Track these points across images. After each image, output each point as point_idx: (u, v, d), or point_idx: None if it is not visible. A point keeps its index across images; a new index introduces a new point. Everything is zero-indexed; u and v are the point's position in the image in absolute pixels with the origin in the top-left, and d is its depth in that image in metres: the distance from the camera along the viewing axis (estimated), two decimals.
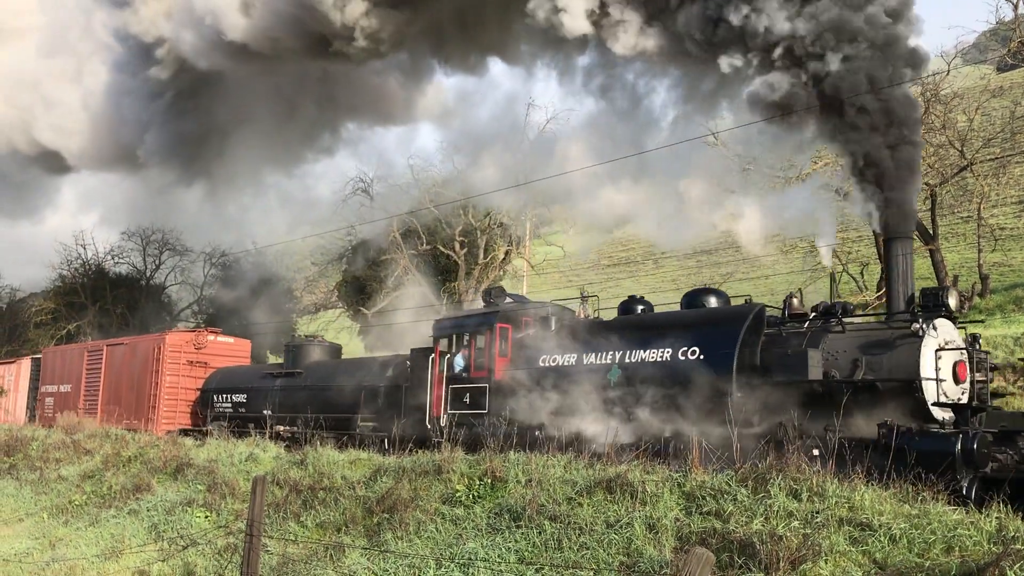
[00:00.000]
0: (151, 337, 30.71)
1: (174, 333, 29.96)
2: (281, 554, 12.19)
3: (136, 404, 29.53)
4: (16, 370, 39.73)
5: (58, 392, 34.95)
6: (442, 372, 19.45)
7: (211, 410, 26.92)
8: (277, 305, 47.59)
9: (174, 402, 28.74)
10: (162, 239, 51.94)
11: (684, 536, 9.74)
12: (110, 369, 31.73)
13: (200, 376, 29.12)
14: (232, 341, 31.06)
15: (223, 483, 16.51)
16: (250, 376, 26.62)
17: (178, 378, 28.92)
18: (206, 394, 27.83)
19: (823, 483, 10.20)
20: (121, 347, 31.84)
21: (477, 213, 40.82)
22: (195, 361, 29.23)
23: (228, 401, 26.46)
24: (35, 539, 16.27)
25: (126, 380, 30.61)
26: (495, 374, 18.23)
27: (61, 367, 35.28)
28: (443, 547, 11.03)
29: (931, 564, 8.17)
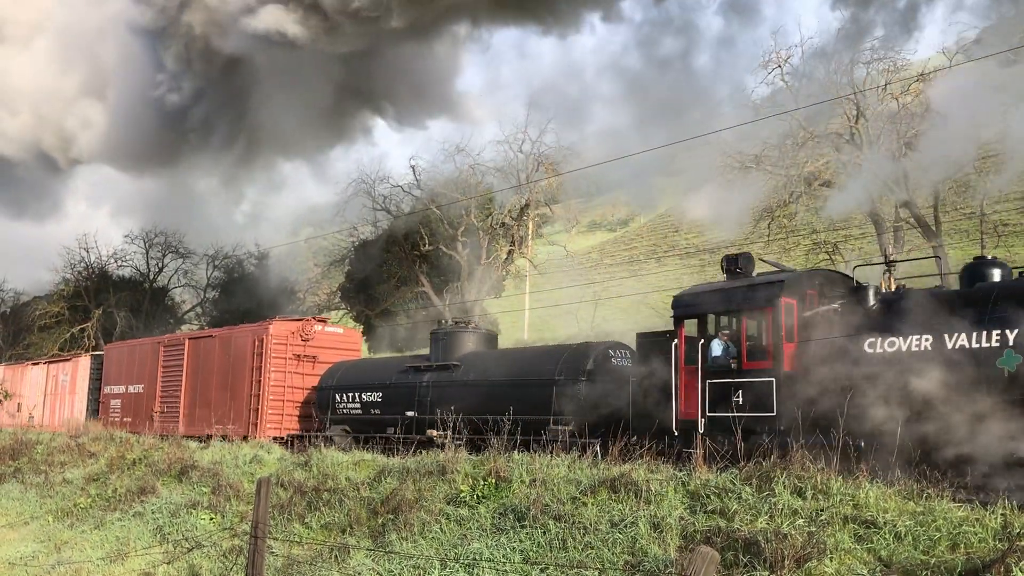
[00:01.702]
0: (248, 328, 26.48)
1: (278, 322, 25.17)
2: (286, 556, 12.20)
3: (231, 407, 25.33)
4: (73, 369, 35.57)
5: (126, 393, 30.92)
6: (694, 363, 15.00)
7: (332, 412, 22.57)
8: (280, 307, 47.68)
9: (280, 403, 24.44)
10: (165, 242, 52.06)
11: (689, 535, 9.74)
12: (194, 366, 27.46)
13: (308, 372, 24.83)
14: (341, 331, 26.86)
15: (228, 485, 16.52)
16: (385, 370, 22.19)
17: (284, 375, 24.54)
18: (324, 393, 23.09)
19: (827, 481, 10.19)
20: (208, 340, 27.56)
21: (479, 213, 40.84)
22: (302, 355, 24.88)
23: (355, 401, 22.01)
24: (40, 542, 16.29)
25: (216, 379, 26.27)
26: (783, 364, 13.88)
27: (129, 364, 31.12)
28: (448, 548, 11.03)
29: (936, 561, 8.16)
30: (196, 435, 24.60)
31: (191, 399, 27.07)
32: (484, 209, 41.41)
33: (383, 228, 44.41)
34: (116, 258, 52.35)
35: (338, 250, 47.43)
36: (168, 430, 26.32)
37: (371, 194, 41.94)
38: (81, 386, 34.20)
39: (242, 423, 24.51)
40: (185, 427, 26.43)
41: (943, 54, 29.51)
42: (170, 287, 54.92)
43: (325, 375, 23.52)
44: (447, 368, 20.29)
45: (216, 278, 52.52)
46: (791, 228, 32.61)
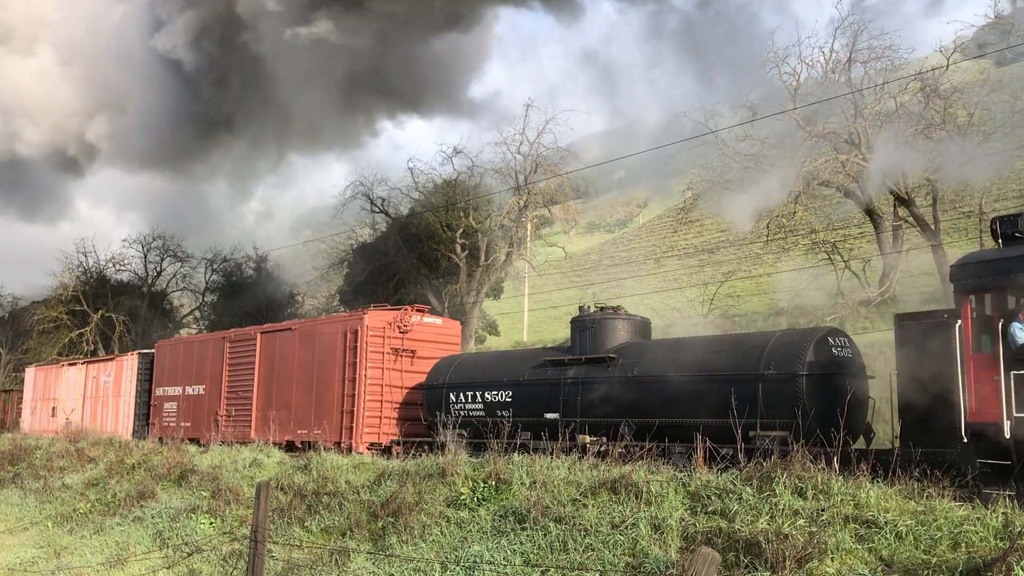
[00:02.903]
0: (337, 319, 23.46)
1: (374, 312, 21.98)
2: (286, 560, 12.18)
3: (317, 409, 22.25)
4: (117, 369, 32.24)
5: (183, 395, 27.78)
6: (989, 351, 12.00)
7: (446, 414, 19.16)
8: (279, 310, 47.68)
9: (378, 404, 21.25)
10: (163, 246, 52.06)
11: (689, 536, 9.73)
12: (268, 363, 24.28)
13: (407, 369, 21.89)
14: (440, 322, 23.56)
15: (227, 489, 16.50)
16: (514, 365, 18.93)
17: (381, 372, 21.40)
18: (435, 392, 19.72)
19: (828, 481, 10.18)
20: (285, 335, 24.23)
21: (478, 215, 40.84)
22: (400, 349, 21.80)
23: (476, 401, 18.82)
24: (40, 548, 16.27)
25: (298, 377, 23.17)
26: None
27: (187, 363, 28.04)
28: (448, 550, 11.01)
29: (938, 560, 8.15)
30: (274, 442, 21.81)
31: (265, 401, 24.07)
32: (483, 211, 41.41)
33: (381, 230, 44.42)
34: (114, 262, 52.41)
35: (337, 253, 47.42)
36: (237, 435, 23.97)
37: (369, 196, 41.94)
38: (127, 388, 31.17)
39: (332, 427, 21.56)
40: (259, 432, 23.42)
41: (940, 53, 29.50)
42: (168, 291, 54.93)
43: (434, 371, 20.21)
44: (600, 362, 17.00)
45: (215, 282, 52.52)
46: (790, 228, 32.60)
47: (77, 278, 50.78)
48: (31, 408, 37.96)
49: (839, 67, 29.49)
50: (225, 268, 51.89)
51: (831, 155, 28.91)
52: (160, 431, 27.99)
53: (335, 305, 46.83)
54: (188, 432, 26.44)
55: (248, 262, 51.66)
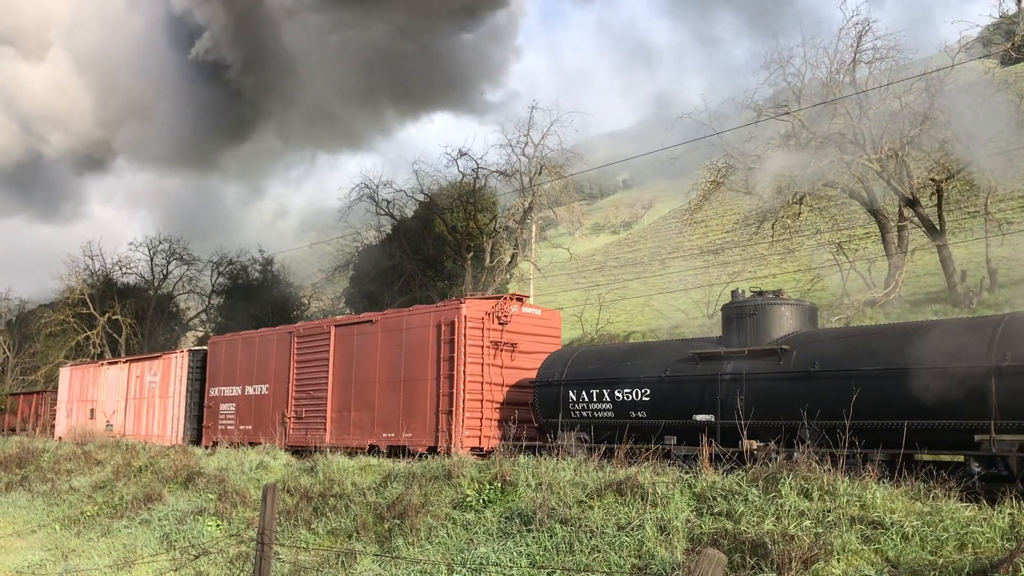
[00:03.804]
0: (428, 310, 20.79)
1: (472, 301, 19.93)
2: (293, 562, 12.21)
3: (406, 411, 19.97)
4: (164, 368, 29.89)
5: (243, 396, 25.52)
6: None
7: (565, 415, 16.94)
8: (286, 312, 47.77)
9: (478, 404, 19.04)
10: (169, 249, 52.21)
11: (695, 537, 9.73)
12: (345, 360, 22.02)
13: (507, 365, 19.64)
14: (539, 312, 21.08)
15: (234, 492, 16.54)
16: (648, 359, 16.46)
17: (481, 368, 19.17)
18: (549, 390, 17.36)
19: (834, 482, 10.17)
20: (365, 327, 21.78)
21: (483, 217, 40.86)
22: (500, 342, 19.64)
23: (603, 400, 16.34)
24: (48, 550, 16.33)
25: (381, 375, 20.86)
26: None
27: (246, 360, 25.67)
28: (454, 552, 11.03)
29: (944, 561, 8.14)
30: (353, 447, 20.15)
31: (341, 401, 21.84)
32: (488, 213, 41.44)
33: (387, 233, 44.48)
34: (121, 265, 52.54)
35: (342, 255, 47.49)
36: (309, 440, 21.91)
37: (375, 199, 42.00)
38: (176, 388, 28.93)
39: (425, 431, 19.35)
40: (335, 436, 21.48)
41: (945, 53, 29.45)
42: (175, 294, 55.07)
43: (547, 366, 17.76)
44: (768, 355, 14.42)
45: (221, 284, 52.64)
46: (794, 229, 32.56)
47: (84, 281, 50.92)
48: (66, 410, 35.94)
49: (844, 68, 29.47)
50: (231, 271, 52.01)
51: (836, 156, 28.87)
52: (216, 434, 25.97)
53: (341, 307, 46.89)
54: (249, 435, 24.50)
55: (254, 265, 51.81)
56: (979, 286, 29.51)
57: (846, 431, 11.66)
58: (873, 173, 28.96)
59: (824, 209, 34.84)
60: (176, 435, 27.95)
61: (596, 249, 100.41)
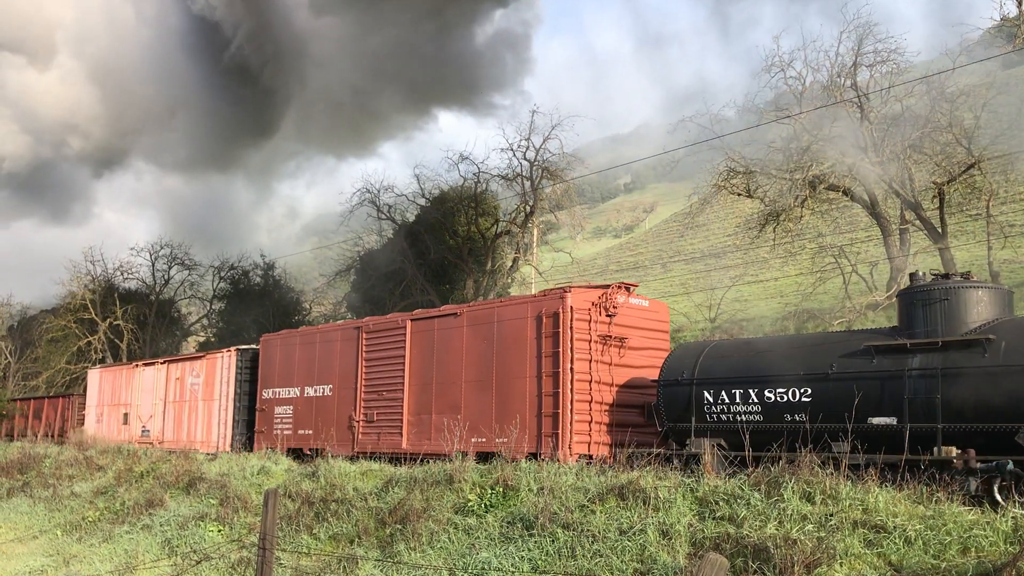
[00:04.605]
0: (525, 300, 18.60)
1: (579, 291, 17.77)
2: (294, 567, 12.19)
3: (499, 414, 17.93)
4: (207, 369, 27.78)
5: (302, 398, 23.49)
6: None
7: (699, 419, 14.73)
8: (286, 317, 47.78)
9: (586, 405, 16.95)
10: (171, 254, 52.25)
11: (698, 542, 9.71)
12: (423, 357, 20.01)
13: (616, 362, 17.56)
14: (647, 304, 18.94)
15: (235, 497, 16.54)
16: (806, 353, 14.18)
17: (589, 365, 17.11)
18: (678, 391, 15.11)
19: (836, 486, 10.16)
20: (448, 321, 19.74)
21: (485, 221, 40.88)
22: (609, 337, 17.53)
23: (750, 402, 14.21)
24: (49, 556, 16.31)
25: (469, 373, 18.89)
26: None
27: (306, 359, 23.66)
28: (456, 557, 11.01)
29: (947, 565, 8.12)
30: (433, 453, 18.04)
31: (420, 402, 19.86)
32: (489, 217, 41.46)
33: (388, 237, 44.51)
34: (122, 270, 52.57)
35: (344, 260, 47.51)
36: (382, 445, 19.90)
37: (376, 203, 42.02)
38: (222, 390, 26.74)
39: (524, 436, 17.24)
40: (412, 441, 19.68)
41: (946, 56, 29.47)
42: (176, 299, 55.10)
43: (672, 363, 15.60)
44: (969, 346, 12.38)
45: (222, 289, 52.65)
46: (796, 232, 32.55)
47: (85, 286, 50.97)
48: (96, 415, 33.92)
49: (844, 71, 29.49)
50: (233, 276, 52.02)
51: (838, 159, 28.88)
52: (270, 440, 23.95)
53: (343, 312, 46.87)
54: (308, 440, 22.75)
55: (256, 270, 51.82)
56: None
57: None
58: (874, 176, 28.96)
59: (826, 212, 34.82)
60: (224, 441, 25.99)
61: (598, 253, 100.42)
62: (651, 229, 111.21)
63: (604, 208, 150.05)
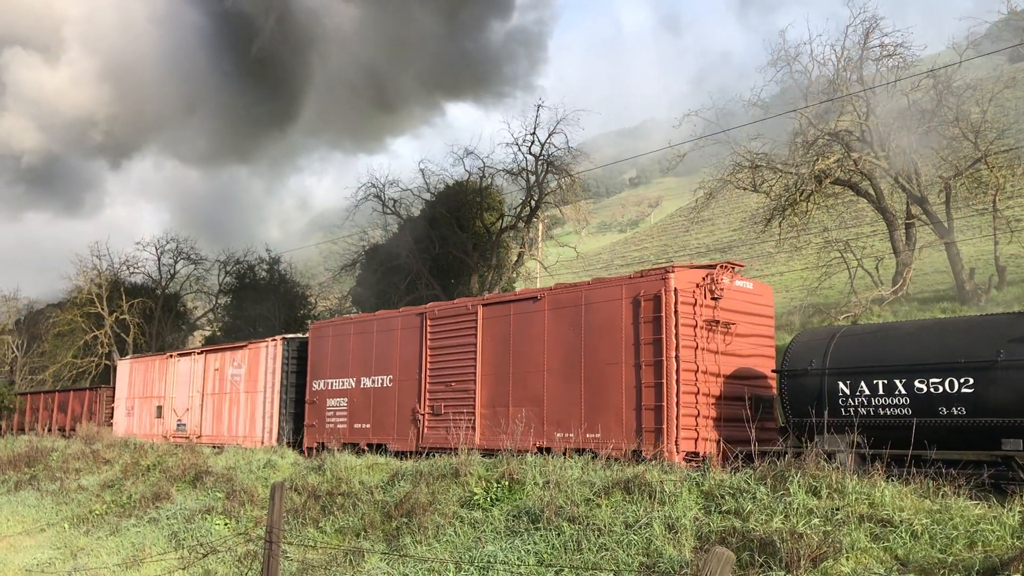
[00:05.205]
0: (620, 281, 16.87)
1: (682, 271, 16.17)
2: (301, 560, 12.22)
3: (589, 406, 16.42)
4: (250, 359, 26.18)
5: (357, 389, 21.93)
6: None
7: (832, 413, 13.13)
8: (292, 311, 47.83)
9: (692, 398, 15.33)
10: (176, 248, 52.34)
11: (703, 536, 9.72)
12: (498, 345, 18.57)
13: (723, 350, 15.99)
14: (751, 287, 17.27)
15: (242, 490, 16.58)
16: (962, 336, 12.68)
17: (694, 353, 15.54)
18: (804, 381, 13.54)
19: (843, 480, 10.15)
20: (526, 305, 18.24)
21: (490, 216, 40.88)
22: (715, 322, 16.00)
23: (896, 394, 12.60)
24: (57, 549, 16.38)
25: (551, 362, 17.37)
26: None
27: (361, 347, 22.15)
28: (462, 550, 11.03)
29: (954, 559, 8.11)
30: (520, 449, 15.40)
31: (494, 394, 18.43)
32: (494, 211, 41.45)
33: (393, 232, 44.53)
34: (128, 265, 52.68)
35: (349, 255, 47.55)
36: (451, 440, 17.63)
37: (381, 198, 42.03)
38: (267, 382, 25.16)
39: (621, 431, 15.73)
40: (487, 435, 18.15)
41: (953, 50, 29.35)
42: (182, 293, 55.20)
43: (796, 350, 13.97)
44: None
45: (228, 284, 52.73)
46: (802, 226, 32.49)
47: (92, 281, 51.08)
48: (126, 408, 32.40)
49: (851, 65, 29.39)
50: (238, 270, 52.08)
51: (843, 153, 28.81)
52: (322, 434, 22.59)
53: (347, 306, 46.91)
54: (366, 435, 21.33)
55: (261, 264, 51.88)
56: (987, 284, 29.42)
57: None
58: (880, 170, 28.89)
59: (831, 207, 34.74)
60: (269, 435, 24.63)
61: (603, 247, 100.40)
62: (656, 224, 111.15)
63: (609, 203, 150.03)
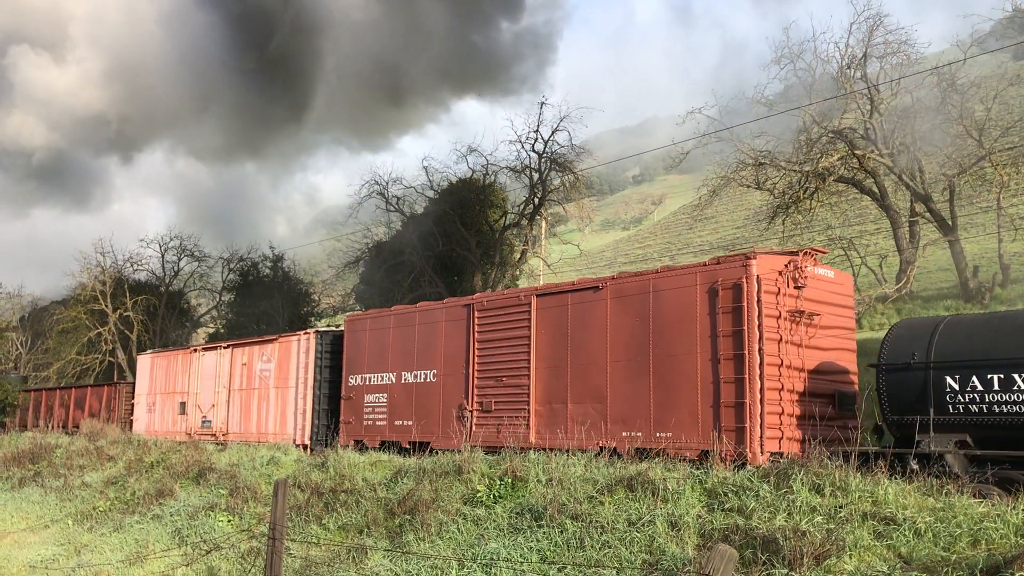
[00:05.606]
0: (694, 269, 15.76)
1: (764, 257, 14.95)
2: (304, 557, 12.24)
3: (659, 403, 15.38)
4: (280, 353, 25.19)
5: (398, 384, 20.95)
6: None
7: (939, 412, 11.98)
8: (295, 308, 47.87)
9: (776, 394, 14.23)
10: (180, 245, 52.41)
11: (707, 533, 9.71)
12: (554, 337, 17.60)
13: (806, 343, 14.86)
14: (832, 275, 16.04)
15: (245, 487, 16.61)
16: None
17: (778, 347, 14.44)
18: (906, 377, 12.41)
19: (846, 478, 10.14)
20: (585, 295, 17.22)
21: (493, 213, 40.87)
22: (799, 313, 14.84)
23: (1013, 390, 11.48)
24: (60, 545, 16.42)
25: (615, 356, 16.35)
26: None
27: (402, 340, 21.12)
28: (465, 548, 11.03)
29: (957, 558, 8.10)
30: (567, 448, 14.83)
31: (550, 390, 17.43)
32: (497, 208, 41.44)
33: (396, 229, 44.56)
34: (132, 262, 52.76)
35: (352, 252, 47.60)
36: (503, 438, 16.97)
37: (384, 195, 42.04)
38: (298, 377, 24.18)
39: (696, 430, 14.69)
40: (542, 433, 17.26)
41: (957, 47, 29.29)
42: (186, 290, 55.28)
43: (894, 342, 12.81)
44: None
45: (231, 281, 52.79)
46: (805, 224, 32.47)
47: (95, 278, 51.17)
48: (147, 404, 31.45)
49: (854, 62, 29.35)
50: (242, 267, 52.15)
51: (847, 151, 28.77)
52: (359, 431, 21.63)
53: (351, 304, 46.95)
54: (407, 432, 20.39)
55: (264, 261, 51.95)
56: (991, 281, 29.39)
57: None
58: (884, 168, 28.85)
59: (835, 205, 34.70)
60: (301, 433, 23.63)
61: (606, 245, 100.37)
62: (660, 221, 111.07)
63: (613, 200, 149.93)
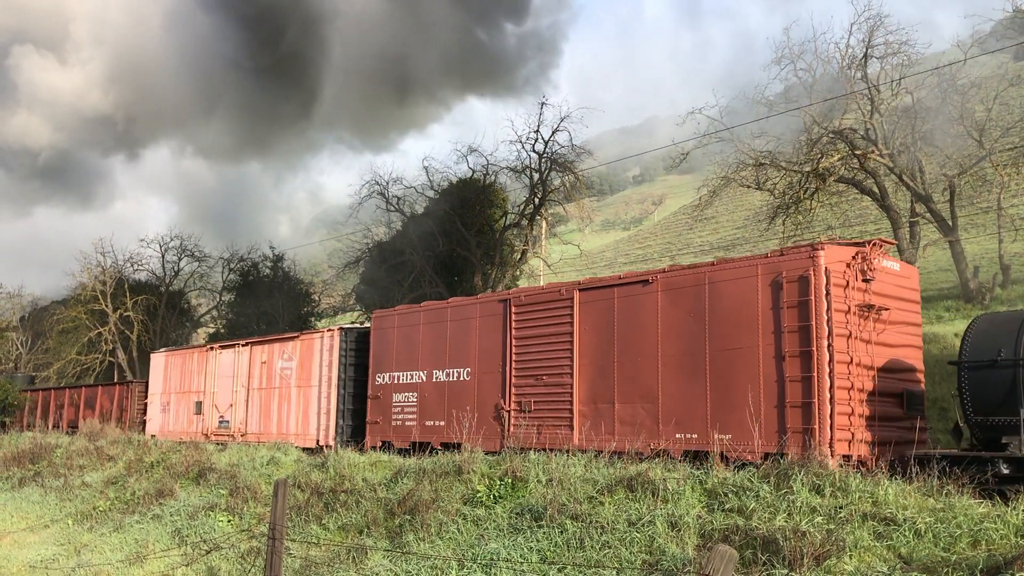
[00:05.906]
0: (755, 260, 14.78)
1: (833, 248, 14.02)
2: (304, 557, 12.24)
3: (716, 403, 14.51)
4: (302, 351, 24.32)
5: (429, 383, 20.09)
6: None
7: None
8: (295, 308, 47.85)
9: (846, 394, 13.33)
10: (180, 245, 52.42)
11: (707, 533, 9.71)
12: (599, 333, 16.73)
13: (876, 339, 14.06)
14: (898, 268, 15.20)
15: (245, 487, 16.60)
16: None
17: (847, 343, 13.56)
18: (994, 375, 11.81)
19: (846, 479, 10.14)
20: (633, 289, 16.36)
21: (493, 213, 40.86)
22: (868, 307, 14.00)
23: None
24: (60, 545, 16.42)
25: (668, 353, 15.49)
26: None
27: (433, 337, 20.30)
28: (465, 548, 11.03)
29: (957, 558, 8.10)
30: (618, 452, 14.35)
31: (595, 389, 16.54)
32: (498, 208, 41.43)
33: (397, 229, 44.55)
34: (132, 262, 52.76)
35: (353, 252, 47.58)
36: (544, 440, 16.67)
37: (384, 195, 42.03)
38: (321, 375, 23.33)
39: (758, 431, 13.72)
40: (587, 435, 16.27)
41: (958, 47, 29.28)
42: (186, 290, 55.27)
43: (977, 338, 12.30)
44: None
45: (232, 281, 52.79)
46: (806, 225, 32.45)
47: (96, 278, 51.17)
48: (161, 404, 30.61)
49: (855, 63, 29.34)
50: (242, 268, 52.14)
51: (847, 151, 28.76)
52: (387, 432, 20.81)
53: (351, 304, 46.93)
54: (440, 433, 19.42)
55: (265, 262, 51.94)
56: (992, 282, 29.38)
57: None
58: (884, 168, 28.84)
59: (835, 205, 34.68)
60: (325, 433, 22.73)
61: (606, 245, 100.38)
62: (660, 221, 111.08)
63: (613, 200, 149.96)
